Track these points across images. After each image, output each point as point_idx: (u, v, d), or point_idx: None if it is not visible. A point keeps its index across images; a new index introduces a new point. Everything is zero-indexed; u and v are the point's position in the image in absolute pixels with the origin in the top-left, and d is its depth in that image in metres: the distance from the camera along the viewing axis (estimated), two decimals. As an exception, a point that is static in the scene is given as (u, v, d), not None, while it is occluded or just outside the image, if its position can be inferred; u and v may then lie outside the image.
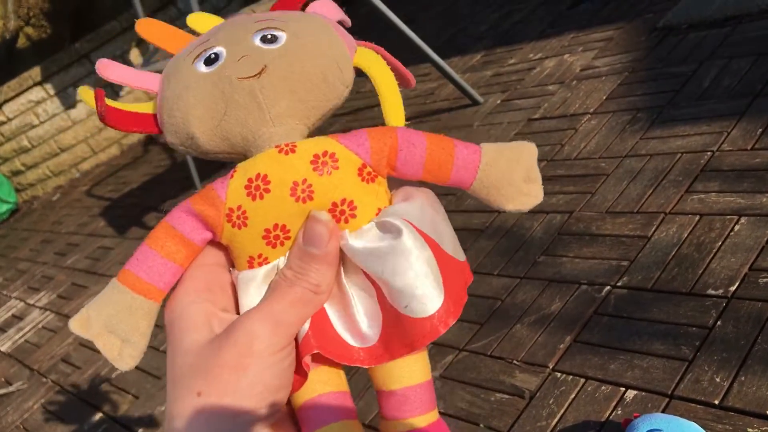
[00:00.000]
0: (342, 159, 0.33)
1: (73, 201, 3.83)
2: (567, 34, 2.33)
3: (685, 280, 1.19)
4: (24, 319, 2.65)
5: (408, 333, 0.32)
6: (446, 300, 0.32)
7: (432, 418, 0.34)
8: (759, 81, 1.57)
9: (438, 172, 0.34)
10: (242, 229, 0.33)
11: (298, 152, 0.33)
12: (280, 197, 0.32)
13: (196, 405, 0.31)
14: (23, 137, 4.12)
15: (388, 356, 0.33)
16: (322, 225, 0.32)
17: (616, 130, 1.70)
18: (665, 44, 1.94)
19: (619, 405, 1.05)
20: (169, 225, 0.34)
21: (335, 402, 0.34)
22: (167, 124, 0.35)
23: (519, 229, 1.55)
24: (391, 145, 0.34)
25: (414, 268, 0.31)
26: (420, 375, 0.34)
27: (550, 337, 1.23)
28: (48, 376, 2.12)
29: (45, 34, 4.83)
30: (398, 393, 0.34)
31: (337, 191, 0.33)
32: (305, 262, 0.32)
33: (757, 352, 1.01)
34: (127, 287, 0.34)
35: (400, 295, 0.31)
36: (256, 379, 0.31)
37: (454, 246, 0.35)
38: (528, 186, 0.35)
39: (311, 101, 0.34)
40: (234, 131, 0.33)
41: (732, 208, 1.28)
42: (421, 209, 0.34)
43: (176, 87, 0.34)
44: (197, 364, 0.31)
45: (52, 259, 3.12)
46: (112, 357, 0.34)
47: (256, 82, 0.33)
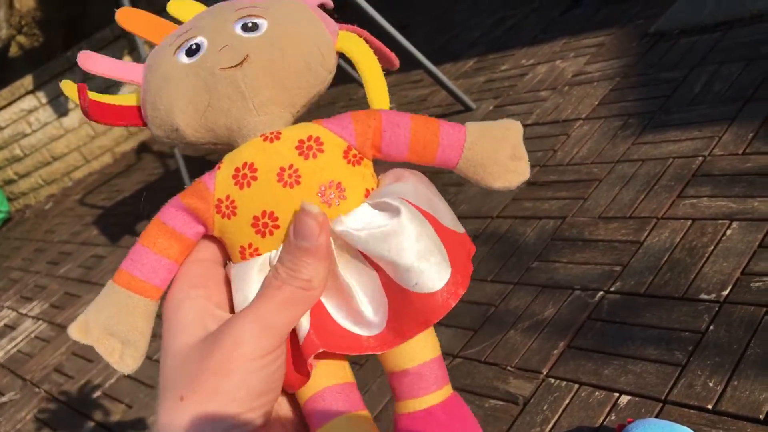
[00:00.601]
0: (327, 142, 0.33)
1: (66, 210, 3.82)
2: (559, 40, 2.34)
3: (677, 285, 1.19)
4: (16, 328, 2.63)
5: (420, 310, 0.32)
6: (453, 272, 0.32)
7: (447, 392, 0.34)
8: (750, 86, 1.57)
9: (423, 152, 0.34)
10: (231, 218, 0.33)
11: (282, 139, 0.33)
12: (268, 184, 0.32)
13: (179, 409, 0.30)
14: (15, 146, 4.11)
15: (400, 339, 0.32)
16: (311, 218, 0.32)
17: (608, 135, 1.70)
18: (656, 50, 1.95)
19: (613, 410, 1.05)
20: (160, 221, 0.34)
21: (340, 395, 0.33)
22: (151, 117, 0.35)
23: (512, 235, 1.55)
24: (375, 127, 0.34)
25: (418, 245, 0.31)
26: (432, 351, 0.34)
27: (544, 342, 1.23)
28: (41, 386, 2.11)
29: (37, 42, 4.83)
30: (412, 372, 0.33)
31: (324, 174, 0.33)
32: (296, 256, 0.32)
33: (749, 356, 1.01)
34: (123, 287, 0.34)
35: (407, 273, 0.31)
36: (239, 384, 0.30)
37: (452, 219, 0.35)
38: (514, 163, 0.35)
39: (294, 89, 0.34)
40: (218, 122, 0.33)
41: (724, 212, 1.28)
42: (414, 187, 0.34)
43: (158, 79, 0.34)
44: (183, 367, 0.31)
45: (45, 268, 3.10)
46: (114, 361, 0.34)
47: (238, 72, 0.33)
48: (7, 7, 4.73)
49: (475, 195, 1.76)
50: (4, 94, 3.99)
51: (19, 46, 4.86)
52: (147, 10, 0.40)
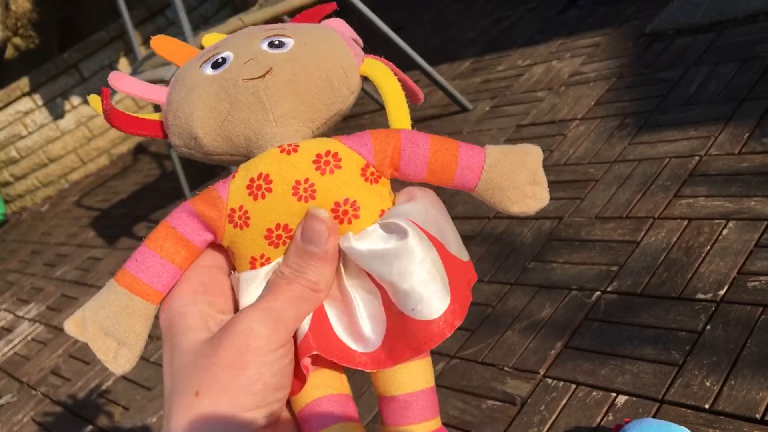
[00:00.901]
0: (345, 159, 0.33)
1: (63, 212, 3.81)
2: (555, 41, 2.34)
3: (674, 285, 1.19)
4: (13, 331, 2.63)
5: (415, 336, 0.31)
6: (452, 301, 0.32)
7: (434, 426, 0.34)
8: (745, 85, 1.58)
9: (442, 173, 0.34)
10: (244, 229, 0.33)
11: (300, 152, 0.33)
12: (282, 196, 0.32)
13: (195, 404, 0.30)
14: (11, 148, 4.10)
15: (392, 361, 0.32)
16: (320, 222, 0.32)
17: (605, 135, 1.70)
18: (652, 50, 1.95)
19: (611, 410, 1.05)
20: (169, 225, 0.34)
21: (335, 405, 0.33)
22: (172, 126, 0.35)
23: (509, 236, 1.55)
24: (394, 146, 0.34)
25: (421, 270, 0.31)
26: (422, 381, 0.34)
27: (541, 343, 1.23)
28: (38, 389, 2.11)
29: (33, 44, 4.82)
30: (400, 399, 0.33)
31: (340, 191, 0.32)
32: (303, 260, 0.32)
33: (746, 355, 1.02)
34: (125, 288, 0.34)
35: (407, 297, 0.31)
36: (255, 377, 0.30)
37: (458, 246, 0.35)
38: (533, 189, 0.35)
39: (316, 104, 0.34)
40: (237, 131, 0.33)
41: (720, 212, 1.29)
42: (425, 210, 0.33)
43: (182, 89, 0.35)
44: (195, 363, 0.31)
45: (42, 270, 3.10)
46: (107, 360, 0.34)
47: (260, 83, 0.33)
48: (3, 9, 4.72)
49: (471, 196, 1.76)
50: (0, 96, 3.98)
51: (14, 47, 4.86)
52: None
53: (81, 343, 2.20)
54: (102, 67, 4.11)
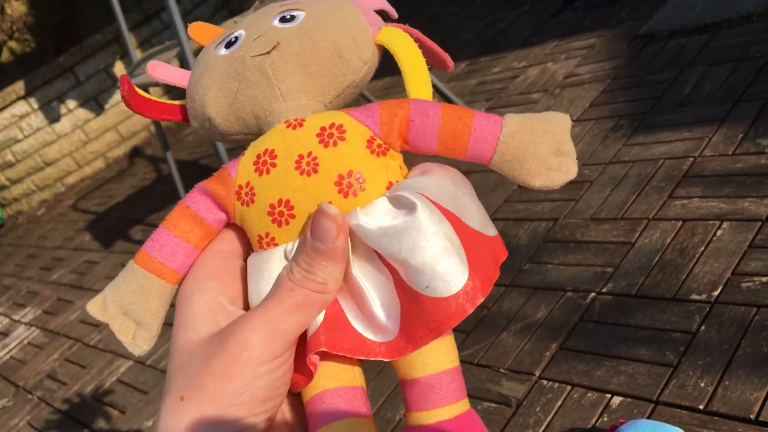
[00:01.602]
0: (349, 131, 0.32)
1: (59, 215, 3.81)
2: (550, 43, 2.35)
3: (668, 286, 1.19)
4: (9, 335, 2.62)
5: (432, 316, 0.29)
6: (471, 276, 0.29)
7: (462, 408, 0.32)
8: (739, 87, 1.58)
9: (453, 143, 0.32)
10: (250, 206, 0.33)
11: (305, 126, 0.32)
12: (285, 171, 0.32)
13: (178, 409, 0.30)
14: (7, 152, 4.09)
15: (412, 346, 0.30)
16: (330, 219, 0.30)
17: (600, 137, 1.71)
18: (647, 51, 1.96)
19: (606, 411, 1.05)
20: (183, 205, 0.34)
21: (342, 399, 0.32)
22: (189, 109, 0.35)
23: (504, 237, 1.55)
24: (402, 116, 0.32)
25: (432, 244, 0.29)
26: (446, 361, 0.32)
27: (536, 344, 1.23)
28: (34, 393, 2.10)
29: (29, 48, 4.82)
30: (422, 381, 0.31)
31: (343, 163, 0.31)
32: (312, 258, 0.31)
33: (740, 356, 1.02)
34: (141, 267, 0.34)
35: (419, 274, 0.29)
36: (241, 389, 0.30)
37: (481, 221, 0.33)
38: (558, 160, 0.32)
39: (325, 77, 0.33)
40: (246, 109, 0.33)
41: (714, 213, 1.29)
42: (440, 183, 0.32)
43: (197, 72, 0.35)
44: (187, 366, 0.31)
45: (38, 274, 3.09)
46: (126, 340, 0.34)
47: (267, 59, 0.32)
48: (-2, 13, 4.71)
49: (468, 197, 1.77)
50: (-4, 99, 3.98)
51: (10, 51, 4.85)
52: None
53: (77, 347, 2.20)
54: (97, 71, 4.11)
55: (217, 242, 0.35)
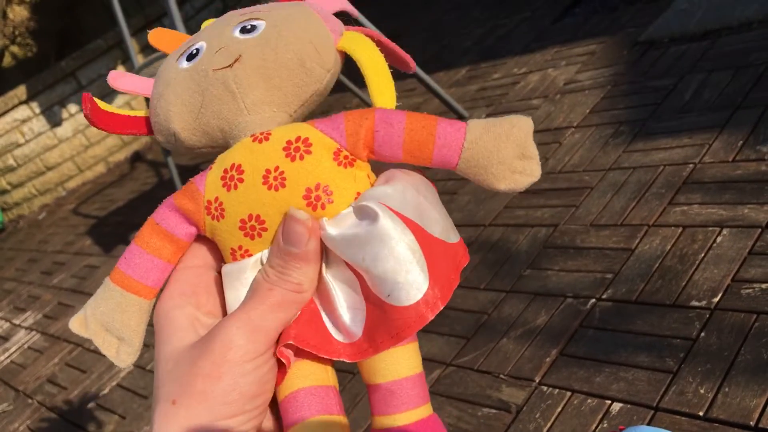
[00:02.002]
0: (315, 144, 0.32)
1: (60, 219, 3.81)
2: (550, 49, 2.35)
3: (668, 292, 1.20)
4: (9, 339, 2.62)
5: (393, 323, 0.30)
6: (432, 285, 0.30)
7: (423, 413, 0.33)
8: (739, 94, 1.59)
9: (419, 152, 0.32)
10: (220, 221, 0.33)
11: (271, 140, 0.32)
12: (253, 186, 0.32)
13: (171, 413, 0.31)
14: (9, 156, 4.10)
15: (373, 350, 0.31)
16: (300, 224, 0.31)
17: (600, 143, 1.71)
18: (647, 58, 1.96)
19: (605, 418, 1.05)
20: (153, 221, 0.35)
21: (314, 397, 0.33)
22: (154, 124, 0.35)
23: (505, 243, 1.56)
24: (367, 127, 0.33)
25: (394, 254, 0.30)
26: (407, 368, 0.33)
27: (536, 350, 1.23)
28: (34, 397, 2.10)
29: (31, 52, 4.83)
30: (384, 387, 0.32)
31: (311, 177, 0.32)
32: (286, 261, 0.32)
33: (740, 363, 1.02)
34: (117, 285, 0.34)
35: (381, 283, 0.30)
36: (230, 387, 0.30)
37: (443, 228, 0.33)
38: (522, 163, 0.32)
39: (288, 87, 0.33)
40: (211, 123, 0.33)
41: (714, 219, 1.29)
42: (403, 192, 0.32)
43: (159, 86, 0.35)
44: (174, 371, 0.32)
45: (39, 278, 3.09)
46: (111, 355, 0.34)
47: (229, 72, 0.32)
48: (1, 18, 4.73)
49: (468, 203, 1.77)
50: (-3, 104, 3.99)
51: (12, 56, 4.86)
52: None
53: (77, 352, 2.20)
54: (99, 75, 4.12)
55: (189, 258, 0.35)
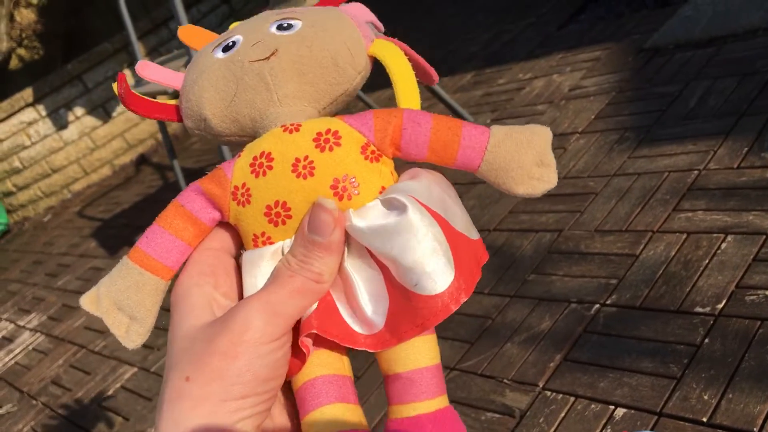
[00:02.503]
0: (345, 136, 0.33)
1: (65, 222, 3.82)
2: (555, 55, 2.36)
3: (673, 298, 1.20)
4: (14, 341, 2.63)
5: (418, 312, 0.31)
6: (457, 276, 0.31)
7: (440, 404, 0.33)
8: (744, 100, 1.59)
9: (443, 152, 0.34)
10: (246, 206, 0.34)
11: (302, 131, 0.33)
12: (282, 173, 0.33)
13: (184, 389, 0.31)
14: (15, 158, 4.12)
15: (396, 339, 0.32)
16: (327, 213, 0.32)
17: (605, 149, 1.71)
18: (652, 64, 1.97)
19: (609, 423, 1.05)
20: (178, 203, 0.35)
21: (332, 385, 0.33)
22: (184, 109, 0.36)
23: (509, 248, 1.56)
24: (395, 124, 0.34)
25: (422, 245, 0.31)
26: (427, 358, 0.33)
27: (540, 355, 1.23)
28: (38, 399, 2.11)
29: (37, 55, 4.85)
30: (403, 376, 0.33)
31: (339, 167, 0.33)
32: (309, 250, 0.32)
33: (744, 369, 1.02)
34: (136, 264, 0.35)
35: (409, 272, 0.31)
36: (245, 368, 0.31)
37: (465, 224, 0.34)
38: (540, 170, 0.34)
39: (320, 84, 0.34)
40: (243, 112, 0.34)
41: (719, 226, 1.29)
42: (428, 187, 0.33)
43: (194, 73, 0.36)
44: (190, 349, 0.32)
45: (43, 280, 3.10)
46: (120, 334, 0.34)
47: (265, 65, 0.34)
48: (8, 20, 4.75)
49: (472, 208, 1.77)
50: (4, 106, 4.00)
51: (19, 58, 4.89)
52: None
53: (82, 354, 2.21)
54: (105, 78, 4.13)
55: (209, 240, 0.36)
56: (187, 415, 0.30)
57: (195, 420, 0.30)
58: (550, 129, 0.35)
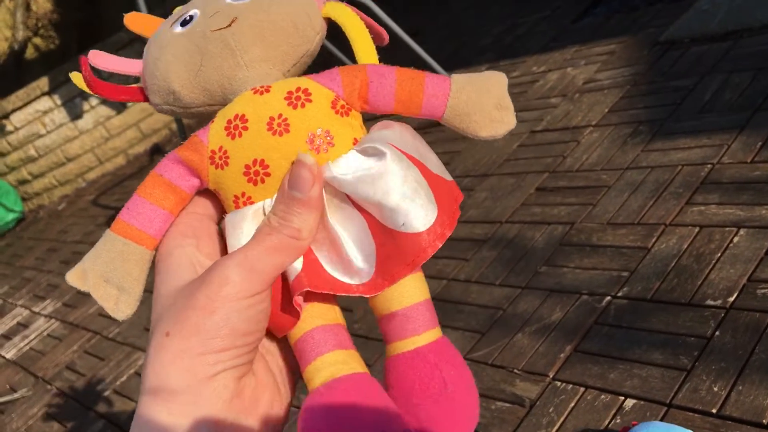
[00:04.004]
0: (315, 93, 0.34)
1: (79, 210, 3.86)
2: (570, 48, 2.35)
3: (684, 291, 1.20)
4: (29, 326, 2.66)
5: (407, 250, 0.33)
6: (440, 213, 0.33)
7: (435, 335, 0.34)
8: (759, 95, 1.58)
9: (409, 102, 0.35)
10: (225, 169, 0.34)
11: (272, 92, 0.34)
12: (258, 133, 0.34)
13: (165, 343, 0.32)
14: (30, 147, 4.15)
15: (389, 282, 0.33)
16: (306, 168, 0.33)
17: (618, 142, 1.71)
18: (667, 58, 1.96)
19: (618, 414, 1.06)
20: (156, 173, 0.36)
21: (329, 333, 0.34)
22: (150, 86, 0.37)
23: (521, 240, 1.56)
24: (361, 79, 0.35)
25: (405, 186, 0.32)
26: (419, 293, 0.34)
27: (551, 346, 1.24)
28: (53, 384, 2.14)
29: (53, 44, 4.88)
30: (399, 313, 0.34)
31: (313, 122, 0.34)
32: (289, 206, 0.33)
33: (754, 361, 1.02)
34: (119, 235, 0.35)
35: (394, 213, 0.32)
36: (222, 322, 0.31)
37: (439, 167, 0.36)
38: (500, 113, 0.36)
39: (283, 46, 0.35)
40: (211, 79, 0.35)
41: (731, 220, 1.29)
42: (401, 135, 0.35)
43: (155, 50, 0.37)
44: (171, 306, 0.33)
45: (58, 267, 3.14)
46: (109, 307, 0.35)
47: (227, 32, 0.35)
48: (24, 10, 4.78)
49: (485, 200, 1.78)
50: (20, 95, 4.04)
51: (35, 47, 4.92)
52: (162, 13, 0.43)
53: (96, 340, 2.23)
54: (120, 68, 4.16)
55: (192, 206, 0.37)
56: (168, 369, 0.31)
57: (175, 373, 0.31)
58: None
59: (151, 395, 0.31)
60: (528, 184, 1.73)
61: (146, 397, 0.32)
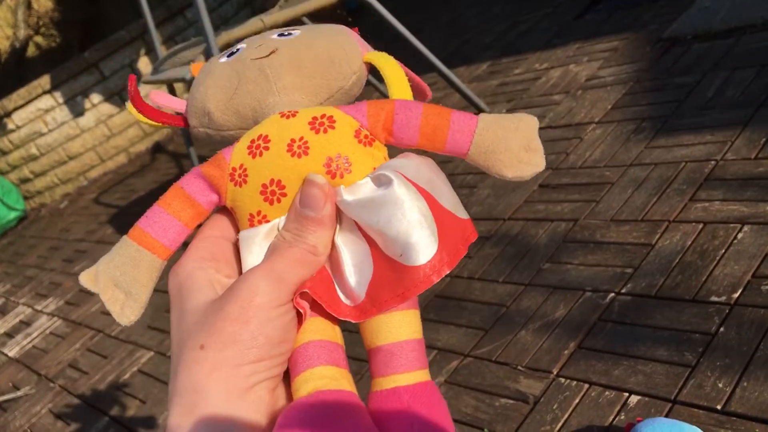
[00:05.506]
0: (339, 120, 0.35)
1: (81, 208, 3.86)
2: (572, 45, 2.35)
3: (688, 287, 1.20)
4: (32, 325, 2.66)
5: (400, 281, 0.32)
6: (440, 249, 0.32)
7: (420, 377, 0.34)
8: (762, 91, 1.58)
9: (434, 136, 0.35)
10: (243, 186, 0.35)
11: (298, 116, 0.35)
12: (278, 153, 0.34)
13: (201, 357, 0.31)
14: (32, 145, 4.15)
15: (377, 309, 0.33)
16: (317, 188, 0.33)
17: (621, 139, 1.71)
18: (670, 55, 1.96)
19: (623, 410, 1.06)
20: (177, 186, 0.37)
21: (323, 349, 0.34)
22: (190, 108, 0.38)
23: (524, 237, 1.56)
24: (387, 110, 0.35)
25: (407, 217, 0.32)
26: (408, 331, 0.34)
27: (555, 343, 1.24)
28: (56, 381, 2.14)
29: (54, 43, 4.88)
30: (384, 349, 0.34)
31: (332, 147, 0.34)
32: (302, 224, 0.33)
33: (759, 358, 1.02)
34: (134, 241, 0.36)
35: (394, 243, 0.32)
36: (258, 332, 0.31)
37: (453, 204, 0.35)
38: (528, 154, 0.35)
39: (317, 78, 0.36)
40: (244, 103, 0.36)
41: (735, 216, 1.29)
42: (417, 166, 0.35)
43: (200, 76, 0.38)
44: (201, 320, 0.33)
45: (60, 265, 3.14)
46: (115, 311, 0.36)
47: (266, 61, 0.36)
48: (26, 8, 4.78)
49: (488, 197, 1.78)
50: (22, 93, 4.04)
51: (36, 46, 4.92)
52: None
53: (99, 338, 2.23)
54: (122, 66, 4.16)
55: (209, 228, 0.37)
56: (205, 381, 0.31)
57: (213, 385, 0.31)
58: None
59: (187, 409, 0.31)
60: (531, 181, 1.72)
61: (179, 409, 0.31)
